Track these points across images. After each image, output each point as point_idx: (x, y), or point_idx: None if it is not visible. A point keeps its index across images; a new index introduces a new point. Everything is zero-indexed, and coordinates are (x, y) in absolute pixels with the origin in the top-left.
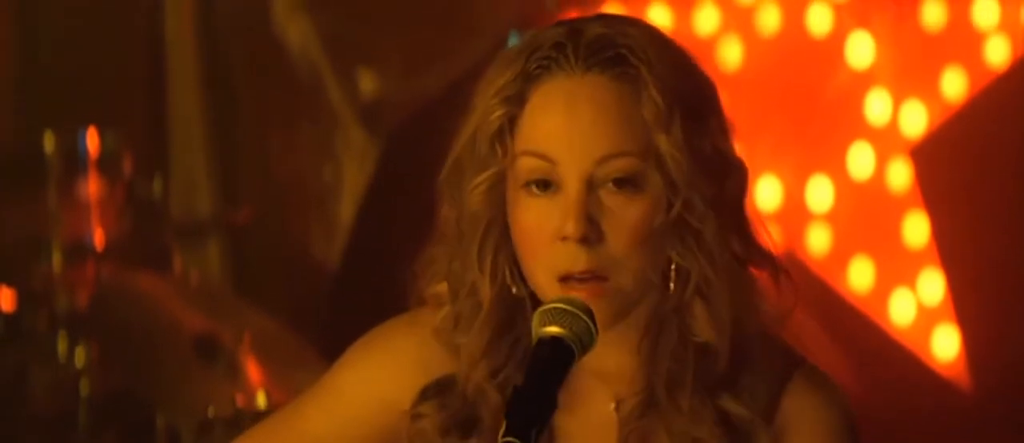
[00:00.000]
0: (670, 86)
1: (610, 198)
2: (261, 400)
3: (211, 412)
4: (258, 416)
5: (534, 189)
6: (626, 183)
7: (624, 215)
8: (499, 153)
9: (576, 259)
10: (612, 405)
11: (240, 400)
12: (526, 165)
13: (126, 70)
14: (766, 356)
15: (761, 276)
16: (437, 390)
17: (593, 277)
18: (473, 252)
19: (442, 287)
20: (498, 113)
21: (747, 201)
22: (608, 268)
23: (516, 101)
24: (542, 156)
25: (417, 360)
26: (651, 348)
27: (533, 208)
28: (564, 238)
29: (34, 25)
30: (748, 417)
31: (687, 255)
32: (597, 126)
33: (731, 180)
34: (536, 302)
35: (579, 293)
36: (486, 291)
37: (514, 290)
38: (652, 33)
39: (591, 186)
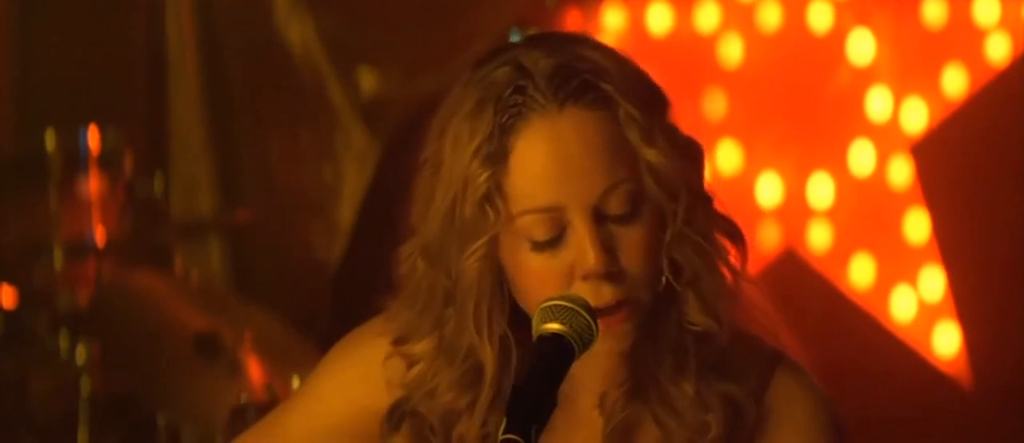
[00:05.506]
0: (638, 97)
1: (615, 226)
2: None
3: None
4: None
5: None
6: (629, 213)
7: (632, 239)
8: (491, 216)
9: (600, 293)
10: (596, 401)
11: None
12: (531, 224)
13: (127, 69)
14: (749, 347)
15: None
16: (408, 415)
17: (618, 305)
18: (470, 318)
19: (420, 346)
20: (483, 176)
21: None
22: (627, 290)
23: (498, 158)
24: (547, 209)
25: (386, 369)
26: (650, 341)
27: (540, 256)
28: (585, 276)
29: (35, 24)
30: (744, 398)
31: (683, 249)
32: (590, 160)
33: (698, 162)
34: (518, 336)
35: (611, 322)
36: (488, 354)
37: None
38: (595, 45)
39: (598, 219)
